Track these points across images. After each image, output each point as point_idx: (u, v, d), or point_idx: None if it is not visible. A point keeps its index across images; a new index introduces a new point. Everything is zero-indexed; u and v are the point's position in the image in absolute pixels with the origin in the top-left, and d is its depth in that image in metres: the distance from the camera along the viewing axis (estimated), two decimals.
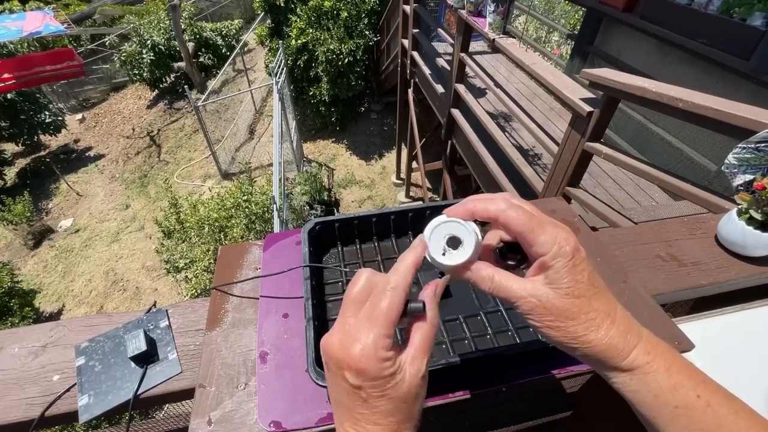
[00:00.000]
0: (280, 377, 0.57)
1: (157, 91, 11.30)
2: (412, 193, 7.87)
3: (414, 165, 7.22)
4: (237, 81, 11.40)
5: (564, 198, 2.08)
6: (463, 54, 3.34)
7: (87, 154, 10.25)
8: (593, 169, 3.37)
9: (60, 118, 9.98)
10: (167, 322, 0.70)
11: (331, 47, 6.90)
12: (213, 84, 10.17)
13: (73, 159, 10.15)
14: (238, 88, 10.93)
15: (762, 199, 0.83)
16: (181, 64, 10.49)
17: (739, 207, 0.87)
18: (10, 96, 8.75)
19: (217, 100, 10.18)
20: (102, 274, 7.29)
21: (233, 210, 5.34)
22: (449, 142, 4.50)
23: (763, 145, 1.22)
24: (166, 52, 10.30)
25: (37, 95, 9.49)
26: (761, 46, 2.80)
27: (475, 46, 5.70)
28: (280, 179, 5.24)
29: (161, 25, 10.27)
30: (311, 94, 7.94)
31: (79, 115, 11.25)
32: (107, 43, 11.21)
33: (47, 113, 9.56)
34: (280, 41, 7.35)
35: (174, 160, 9.56)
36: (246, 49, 11.95)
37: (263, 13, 7.90)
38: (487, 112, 3.38)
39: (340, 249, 0.77)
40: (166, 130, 10.36)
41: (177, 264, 5.26)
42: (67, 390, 0.61)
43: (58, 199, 9.07)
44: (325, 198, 7.33)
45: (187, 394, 0.63)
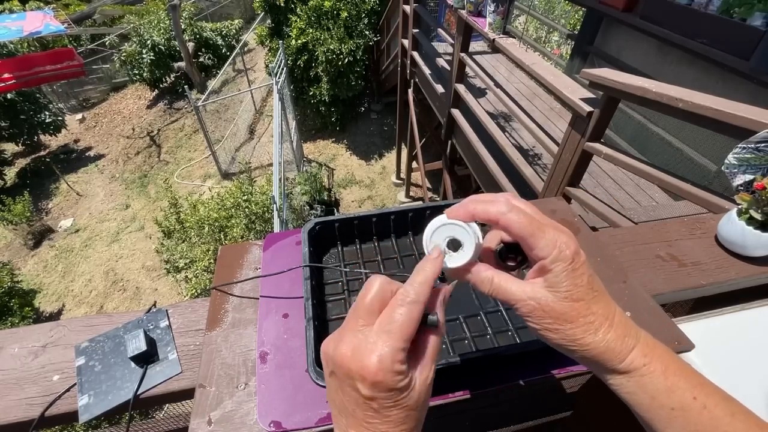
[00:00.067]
0: (280, 377, 0.57)
1: (157, 91, 11.30)
2: (412, 193, 7.87)
3: (414, 165, 7.22)
4: (237, 81, 11.40)
5: (564, 198, 2.08)
6: (463, 54, 3.34)
7: (87, 154, 10.25)
8: (593, 169, 3.37)
9: (60, 118, 9.98)
10: (167, 322, 0.70)
11: (331, 47, 6.90)
12: (213, 84, 10.17)
13: (73, 159, 10.15)
14: (238, 88, 10.93)
15: (762, 199, 0.83)
16: (181, 64, 10.49)
17: (739, 207, 0.86)
18: (10, 96, 8.75)
19: (217, 100, 10.18)
20: (102, 274, 7.29)
21: (233, 210, 5.34)
22: (449, 142, 4.50)
23: (763, 145, 1.22)
24: (166, 52, 10.30)
25: (37, 95, 9.48)
26: (761, 46, 2.81)
27: (475, 46, 5.70)
28: (280, 179, 5.24)
29: (161, 25, 10.27)
30: (311, 94, 7.94)
31: (79, 115, 11.25)
32: (107, 43, 11.21)
33: (47, 113, 9.56)
34: (280, 41, 7.35)
35: (174, 160, 9.56)
36: (246, 49, 11.95)
37: (263, 13, 7.90)
38: (487, 112, 3.38)
39: (340, 249, 0.77)
40: (166, 130, 10.36)
41: (177, 264, 5.26)
42: (67, 390, 0.61)
43: (58, 199, 9.07)
44: (325, 198, 7.33)
45: (187, 394, 0.63)
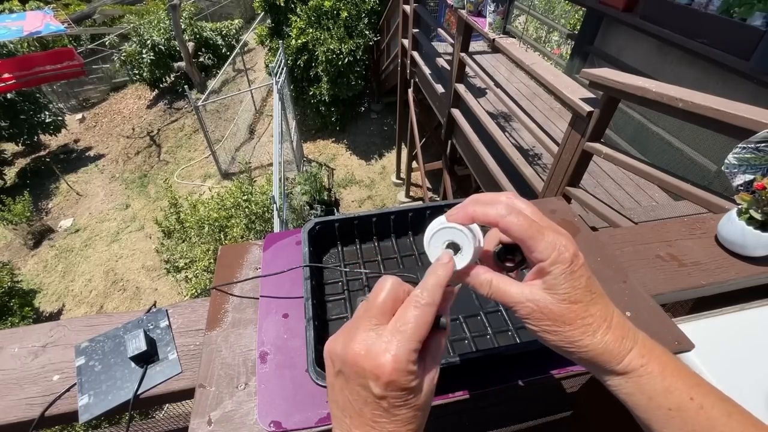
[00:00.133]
0: (280, 377, 0.57)
1: (157, 91, 11.30)
2: (412, 193, 7.87)
3: (414, 165, 7.22)
4: (237, 81, 11.40)
5: (564, 198, 2.08)
6: (463, 54, 3.34)
7: (87, 154, 10.25)
8: (593, 169, 3.37)
9: (60, 118, 9.98)
10: (167, 322, 0.70)
11: (331, 47, 6.90)
12: (213, 84, 10.17)
13: (73, 159, 10.15)
14: (238, 88, 10.93)
15: (762, 199, 0.83)
16: (181, 64, 10.49)
17: (739, 207, 0.86)
18: (10, 96, 8.75)
19: (217, 100, 10.18)
20: (102, 274, 7.29)
21: (233, 210, 5.34)
22: (449, 142, 4.50)
23: (763, 145, 1.22)
24: (166, 52, 10.30)
25: (37, 95, 9.48)
26: (761, 46, 2.81)
27: (475, 46, 5.70)
28: (280, 179, 5.24)
29: (161, 25, 10.27)
30: (311, 94, 7.94)
31: (79, 115, 11.25)
32: (107, 43, 11.21)
33: (47, 113, 9.56)
34: (280, 41, 7.34)
35: (174, 159, 9.56)
36: (246, 49, 11.95)
37: (263, 13, 7.89)
38: (487, 112, 3.38)
39: (340, 249, 0.77)
40: (166, 130, 10.36)
41: (177, 264, 5.26)
42: (67, 390, 0.61)
43: (58, 199, 9.07)
44: (325, 198, 7.33)
45: (187, 394, 0.63)
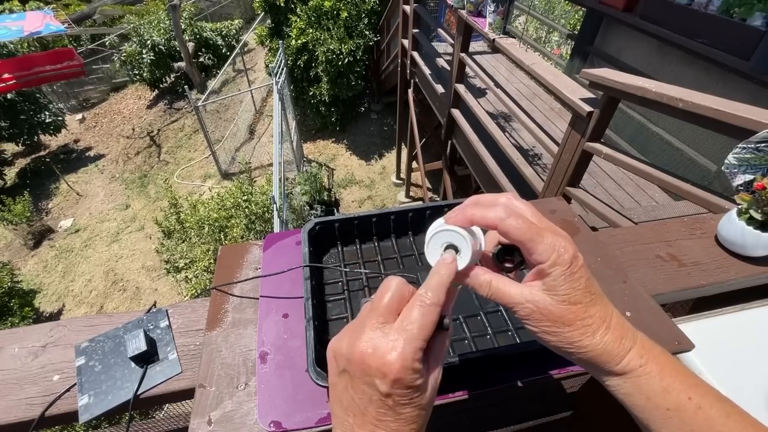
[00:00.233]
0: (280, 377, 0.57)
1: (157, 91, 11.30)
2: (412, 193, 7.87)
3: (414, 165, 7.21)
4: (237, 81, 11.40)
5: (564, 198, 2.08)
6: (463, 54, 3.34)
7: (87, 154, 10.25)
8: (593, 169, 3.37)
9: (60, 118, 9.97)
10: (167, 322, 0.70)
11: (331, 47, 6.90)
12: (213, 84, 10.17)
13: (73, 159, 10.15)
14: (238, 88, 10.93)
15: (762, 199, 0.83)
16: (181, 64, 10.49)
17: (739, 207, 0.86)
18: (10, 96, 8.75)
19: (217, 100, 10.18)
20: (102, 274, 7.29)
21: (233, 210, 5.34)
22: (449, 142, 4.50)
23: (763, 145, 1.22)
24: (166, 52, 10.30)
25: (37, 95, 9.48)
26: (761, 46, 2.81)
27: (475, 46, 5.70)
28: (280, 179, 5.24)
29: (161, 25, 10.27)
30: (311, 94, 7.94)
31: (79, 115, 11.25)
32: (107, 43, 11.21)
33: (47, 113, 9.55)
34: (280, 41, 7.34)
35: (174, 160, 9.56)
36: (246, 49, 11.95)
37: (263, 13, 7.89)
38: (487, 112, 3.38)
39: (340, 249, 0.77)
40: (166, 130, 10.36)
41: (177, 264, 5.26)
42: (67, 390, 0.61)
43: (58, 199, 9.07)
44: (325, 198, 7.33)
45: (187, 394, 0.63)
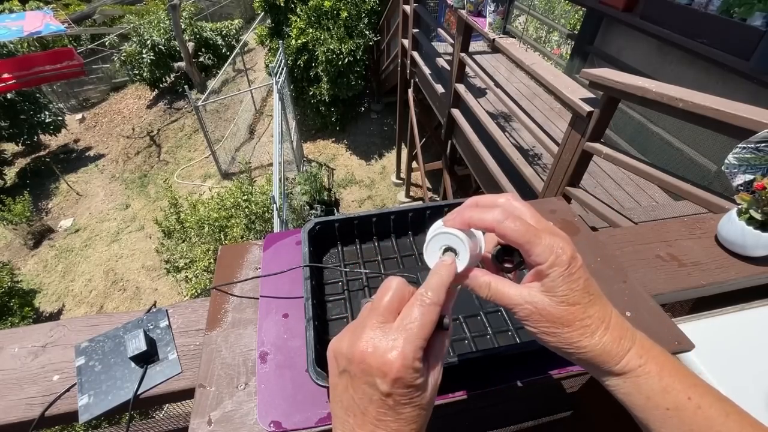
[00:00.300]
0: (280, 377, 0.57)
1: (157, 91, 11.29)
2: (412, 193, 7.87)
3: (414, 165, 7.21)
4: (237, 81, 11.40)
5: (564, 198, 2.08)
6: (463, 54, 3.34)
7: (87, 154, 10.24)
8: (593, 169, 3.37)
9: (60, 118, 9.97)
10: (167, 322, 0.70)
11: (331, 47, 6.90)
12: (213, 84, 10.17)
13: (73, 159, 10.15)
14: (238, 88, 10.93)
15: (762, 199, 0.83)
16: (181, 64, 10.48)
17: (739, 207, 0.86)
18: (10, 96, 8.75)
19: (217, 100, 10.18)
20: (102, 274, 7.29)
21: (233, 210, 5.34)
22: (449, 142, 4.50)
23: (763, 145, 1.22)
24: (166, 52, 10.30)
25: (37, 95, 9.48)
26: (761, 46, 2.80)
27: (475, 46, 5.70)
28: (280, 179, 5.24)
29: (161, 25, 10.27)
30: (311, 94, 7.94)
31: (79, 115, 11.25)
32: (107, 43, 11.20)
33: (47, 113, 9.55)
34: (280, 41, 7.34)
35: (174, 160, 9.56)
36: (246, 49, 11.94)
37: (263, 13, 7.89)
38: (487, 112, 3.38)
39: (340, 249, 0.77)
40: (166, 130, 10.36)
41: (177, 264, 5.26)
42: (67, 390, 0.61)
43: (58, 199, 9.07)
44: (325, 198, 7.33)
45: (187, 394, 0.63)
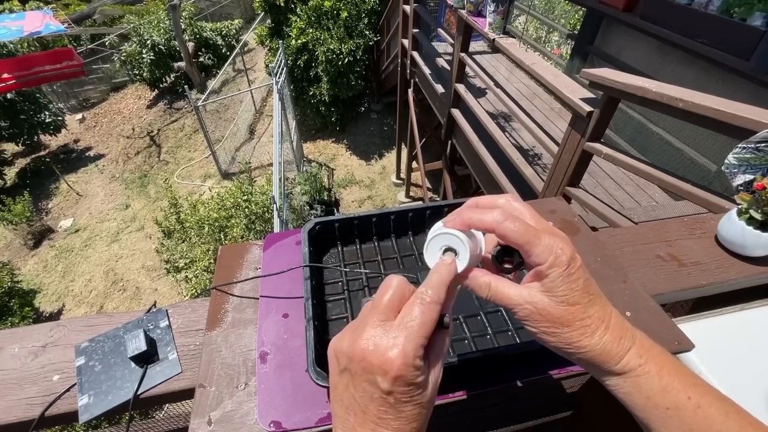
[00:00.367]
0: (280, 377, 0.57)
1: (157, 91, 11.29)
2: (412, 193, 7.87)
3: (414, 165, 7.21)
4: (237, 81, 11.40)
5: (564, 198, 2.08)
6: (463, 54, 3.34)
7: (87, 154, 10.24)
8: (593, 169, 3.37)
9: (60, 118, 9.97)
10: (167, 322, 0.70)
11: (331, 47, 6.90)
12: (213, 84, 10.17)
13: (73, 159, 10.15)
14: (238, 88, 10.93)
15: (762, 199, 0.83)
16: (181, 64, 10.48)
17: (739, 207, 0.86)
18: (10, 96, 8.75)
19: (217, 100, 10.18)
20: (102, 274, 7.29)
21: (233, 210, 5.34)
22: (449, 142, 4.50)
23: (763, 145, 1.22)
24: (166, 52, 10.30)
25: (37, 95, 9.48)
26: (761, 46, 2.81)
27: (475, 46, 5.70)
28: (280, 179, 5.24)
29: (161, 25, 10.27)
30: (311, 94, 7.94)
31: (79, 115, 11.25)
32: (107, 43, 11.20)
33: (47, 113, 9.55)
34: (280, 41, 7.34)
35: (174, 160, 9.56)
36: (246, 49, 11.94)
37: (263, 13, 7.89)
38: (487, 112, 3.38)
39: (340, 249, 0.77)
40: (166, 130, 10.36)
41: (177, 264, 5.26)
42: (67, 390, 0.61)
43: (58, 199, 9.07)
44: (325, 198, 7.33)
45: (187, 394, 0.63)
